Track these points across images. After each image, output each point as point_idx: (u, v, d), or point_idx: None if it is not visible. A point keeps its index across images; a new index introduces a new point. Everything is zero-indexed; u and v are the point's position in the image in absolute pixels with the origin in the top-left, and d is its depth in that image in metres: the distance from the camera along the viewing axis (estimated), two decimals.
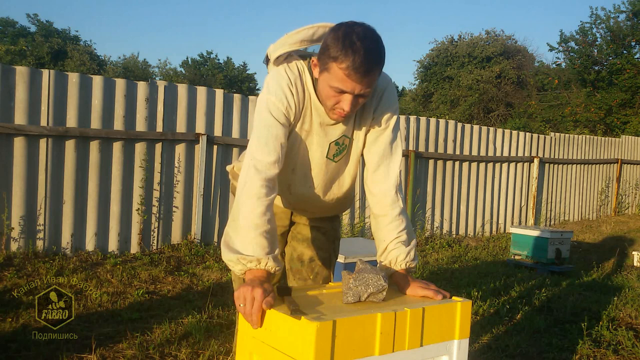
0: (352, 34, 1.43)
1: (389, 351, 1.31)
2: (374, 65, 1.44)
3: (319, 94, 1.58)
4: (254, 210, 1.46)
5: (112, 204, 4.86)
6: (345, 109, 1.51)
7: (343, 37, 1.43)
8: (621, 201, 10.28)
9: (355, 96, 1.49)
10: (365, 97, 1.52)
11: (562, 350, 3.11)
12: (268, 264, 1.43)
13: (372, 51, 1.43)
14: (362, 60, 1.41)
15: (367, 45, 1.42)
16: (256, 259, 1.42)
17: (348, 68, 1.42)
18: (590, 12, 22.97)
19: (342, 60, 1.42)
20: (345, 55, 1.41)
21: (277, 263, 1.45)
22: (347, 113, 1.53)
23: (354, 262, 3.03)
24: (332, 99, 1.52)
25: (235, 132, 5.51)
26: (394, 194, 1.66)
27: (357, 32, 1.43)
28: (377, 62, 1.45)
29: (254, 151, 1.54)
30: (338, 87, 1.47)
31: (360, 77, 1.43)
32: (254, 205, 1.46)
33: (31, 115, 4.41)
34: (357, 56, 1.40)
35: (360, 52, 1.40)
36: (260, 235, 1.44)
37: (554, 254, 5.40)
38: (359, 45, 1.41)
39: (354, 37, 1.42)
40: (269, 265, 1.43)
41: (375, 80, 1.48)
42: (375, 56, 1.44)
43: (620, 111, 16.66)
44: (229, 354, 2.75)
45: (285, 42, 1.61)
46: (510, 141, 8.04)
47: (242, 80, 29.26)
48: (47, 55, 23.24)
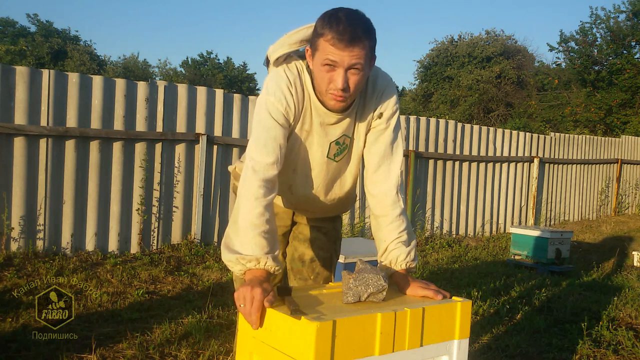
0: (338, 12, 1.47)
1: (389, 351, 1.31)
2: (359, 33, 1.45)
3: (316, 82, 1.57)
4: (252, 211, 1.46)
5: (112, 204, 4.86)
6: (338, 85, 1.49)
7: (329, 16, 1.48)
8: (621, 201, 10.28)
9: (346, 70, 1.48)
10: (357, 74, 1.49)
11: (562, 350, 3.11)
12: (267, 263, 1.43)
13: (356, 22, 1.46)
14: (345, 27, 1.43)
15: (351, 17, 1.46)
16: (255, 259, 1.42)
17: (333, 37, 1.44)
18: (590, 12, 23.01)
19: (327, 32, 1.45)
20: (330, 27, 1.45)
21: (276, 263, 1.45)
22: (341, 93, 1.51)
23: (354, 262, 3.03)
24: (325, 79, 1.51)
25: (235, 132, 5.51)
26: (394, 195, 1.65)
27: (342, 11, 1.48)
28: (363, 31, 1.46)
29: (253, 152, 1.55)
30: (328, 59, 1.47)
31: (346, 44, 1.44)
32: (251, 205, 1.47)
33: (31, 115, 4.41)
34: (341, 25, 1.44)
35: (343, 22, 1.44)
36: (258, 235, 1.44)
37: (554, 254, 5.40)
38: (343, 18, 1.45)
39: (339, 14, 1.47)
40: (268, 264, 1.43)
41: (365, 52, 1.47)
42: (361, 25, 1.46)
43: (620, 111, 16.67)
44: (229, 354, 2.75)
45: (284, 42, 1.61)
46: (510, 141, 8.04)
47: (242, 80, 29.26)
48: (47, 55, 23.25)
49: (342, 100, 1.54)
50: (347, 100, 1.56)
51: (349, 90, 1.51)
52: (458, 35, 23.83)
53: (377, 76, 1.67)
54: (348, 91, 1.51)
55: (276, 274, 1.48)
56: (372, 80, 1.66)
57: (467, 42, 22.75)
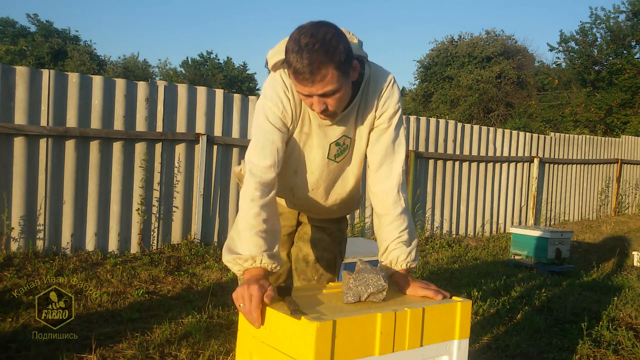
0: (300, 38, 1.41)
1: (389, 351, 1.31)
2: (319, 63, 1.40)
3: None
4: (249, 212, 1.49)
5: (112, 204, 4.86)
6: (317, 110, 1.51)
7: (293, 41, 1.42)
8: (621, 201, 10.28)
9: (320, 96, 1.47)
10: (334, 96, 1.48)
11: (562, 350, 3.11)
12: (263, 260, 1.43)
13: (315, 49, 1.39)
14: (304, 59, 1.39)
15: (310, 44, 1.39)
16: (251, 258, 1.43)
17: (295, 73, 1.43)
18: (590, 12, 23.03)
19: (292, 64, 1.42)
20: (293, 59, 1.41)
21: (273, 260, 1.46)
22: (324, 113, 1.52)
23: (354, 262, 3.03)
24: (306, 101, 1.53)
25: (235, 132, 5.51)
26: (396, 194, 1.65)
27: (305, 32, 1.42)
28: (323, 60, 1.40)
29: (251, 156, 1.58)
30: (300, 92, 1.49)
31: (309, 78, 1.42)
32: (247, 207, 1.50)
33: (31, 115, 4.41)
34: (300, 58, 1.40)
35: (303, 53, 1.39)
36: (255, 234, 1.45)
37: (554, 254, 5.40)
38: (303, 47, 1.39)
39: (301, 40, 1.40)
40: (264, 262, 1.44)
41: (332, 77, 1.43)
42: (321, 53, 1.40)
43: (620, 111, 16.67)
44: (229, 354, 2.75)
45: (281, 48, 1.61)
46: (510, 141, 8.04)
47: (242, 80, 29.26)
48: (47, 55, 23.24)
49: (329, 118, 1.57)
50: (334, 115, 1.58)
51: (333, 109, 1.53)
52: (458, 35, 23.86)
53: (379, 75, 1.66)
54: (330, 111, 1.53)
55: (274, 271, 1.47)
56: (374, 79, 1.65)
57: (467, 42, 22.75)
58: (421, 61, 24.32)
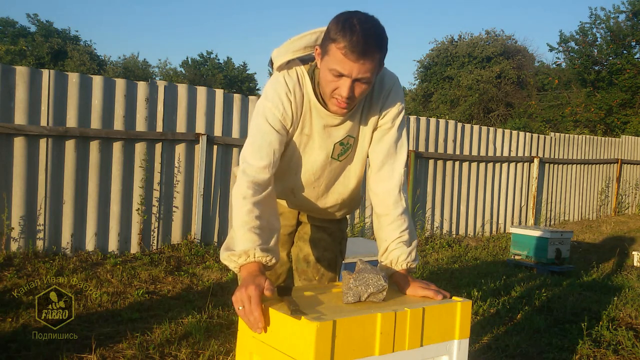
0: (353, 18, 1.44)
1: (389, 351, 1.31)
2: (372, 47, 1.43)
3: (321, 84, 1.57)
4: (241, 209, 1.49)
5: (112, 204, 4.86)
6: (343, 94, 1.49)
7: (343, 21, 1.44)
8: (621, 201, 10.28)
9: (353, 81, 1.47)
10: (364, 85, 1.49)
11: (562, 350, 3.11)
12: (256, 254, 1.43)
13: (370, 33, 1.43)
14: (359, 39, 1.41)
15: (366, 27, 1.43)
16: (244, 253, 1.43)
17: (345, 47, 1.42)
18: (590, 12, 23.03)
19: (340, 40, 1.42)
20: (344, 36, 1.42)
21: (267, 253, 1.45)
22: (345, 100, 1.51)
23: (354, 262, 3.03)
24: (330, 84, 1.51)
25: (235, 132, 5.51)
26: (397, 194, 1.65)
27: (358, 17, 1.45)
28: (376, 44, 1.44)
29: (247, 155, 1.57)
30: (336, 69, 1.46)
31: (357, 56, 1.42)
32: (240, 205, 1.50)
33: (31, 115, 4.41)
34: (355, 36, 1.41)
35: (358, 33, 1.41)
36: (248, 231, 1.45)
37: (554, 254, 5.40)
38: (358, 27, 1.42)
39: (354, 21, 1.43)
40: (258, 255, 1.43)
41: (374, 66, 1.46)
42: (375, 39, 1.43)
43: (620, 111, 16.67)
44: (229, 354, 2.75)
45: (288, 49, 1.61)
46: (510, 141, 8.04)
47: (242, 80, 29.25)
48: (47, 55, 23.23)
49: (345, 107, 1.55)
50: (350, 107, 1.57)
51: (353, 99, 1.53)
52: (458, 35, 23.86)
53: (384, 76, 1.67)
54: (353, 100, 1.53)
55: (270, 265, 1.47)
56: (379, 79, 1.66)
57: (467, 42, 22.75)
58: (421, 61, 24.34)
